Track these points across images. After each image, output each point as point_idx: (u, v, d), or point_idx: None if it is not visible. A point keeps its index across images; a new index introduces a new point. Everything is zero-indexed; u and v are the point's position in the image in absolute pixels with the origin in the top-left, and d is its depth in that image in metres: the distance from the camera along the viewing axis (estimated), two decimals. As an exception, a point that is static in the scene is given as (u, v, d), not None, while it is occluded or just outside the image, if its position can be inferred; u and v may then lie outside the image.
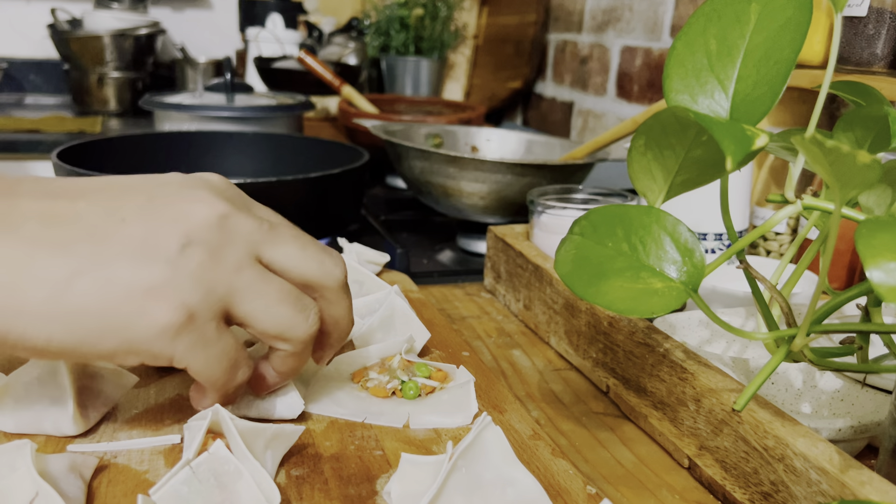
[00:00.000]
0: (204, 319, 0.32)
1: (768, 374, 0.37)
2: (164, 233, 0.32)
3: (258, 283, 0.34)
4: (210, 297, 0.32)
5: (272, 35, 1.69)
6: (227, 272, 0.33)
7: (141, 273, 0.31)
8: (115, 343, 0.31)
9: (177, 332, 0.32)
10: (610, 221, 0.40)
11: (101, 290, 0.31)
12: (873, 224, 0.27)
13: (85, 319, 0.31)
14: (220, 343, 0.34)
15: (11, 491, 0.31)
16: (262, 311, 0.34)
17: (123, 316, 0.31)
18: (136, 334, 0.31)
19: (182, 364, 0.33)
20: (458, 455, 0.33)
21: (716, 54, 0.39)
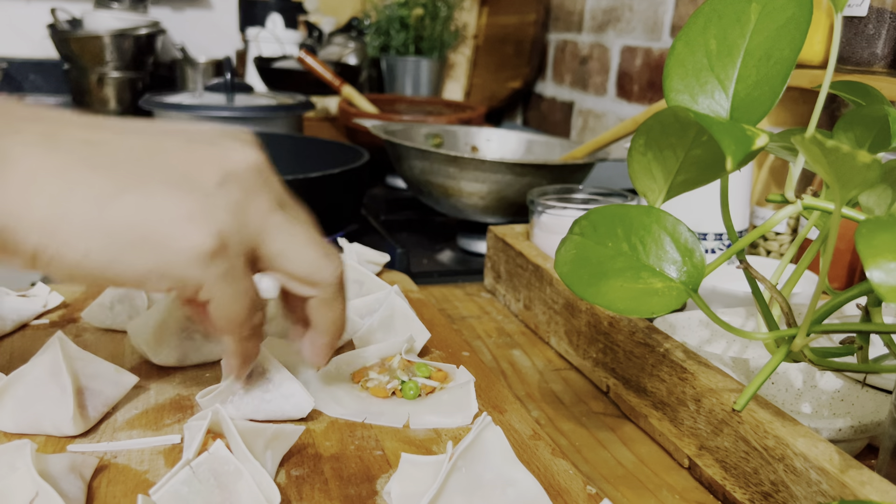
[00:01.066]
0: (235, 252, 0.33)
1: (768, 374, 0.37)
2: (204, 168, 0.33)
3: (288, 225, 0.35)
4: (242, 232, 0.33)
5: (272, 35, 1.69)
6: (260, 212, 0.34)
7: (180, 200, 0.32)
8: (149, 264, 0.31)
9: (210, 258, 0.32)
10: (610, 221, 0.40)
11: (141, 210, 0.31)
12: (873, 224, 0.27)
13: (123, 235, 0.31)
14: (246, 280, 0.34)
15: (11, 491, 0.31)
16: (291, 251, 0.35)
17: (161, 236, 0.31)
18: (171, 256, 0.32)
19: (208, 294, 0.33)
20: (458, 455, 0.33)
21: (716, 54, 0.39)
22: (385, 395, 0.43)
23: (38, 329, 0.51)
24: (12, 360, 0.46)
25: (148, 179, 0.32)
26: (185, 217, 0.32)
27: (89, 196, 0.30)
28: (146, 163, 0.32)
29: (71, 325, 0.52)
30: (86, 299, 0.55)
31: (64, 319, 0.52)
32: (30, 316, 0.52)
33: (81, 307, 0.53)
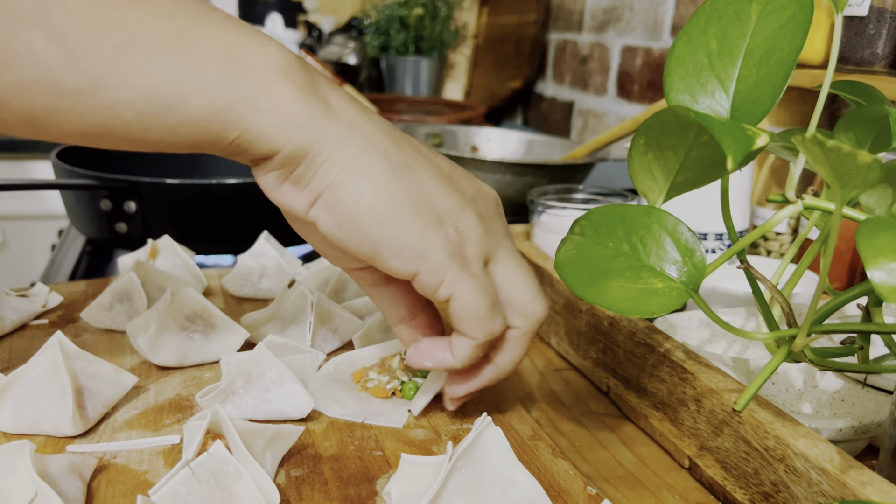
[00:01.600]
0: (474, 252, 0.36)
1: (769, 375, 0.37)
2: (461, 182, 0.38)
3: (515, 254, 0.39)
4: (482, 239, 0.37)
5: (272, 34, 1.69)
6: (497, 231, 0.38)
7: (446, 194, 0.36)
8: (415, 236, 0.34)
9: (456, 250, 0.35)
10: (610, 221, 0.40)
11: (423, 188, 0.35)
12: (874, 224, 0.27)
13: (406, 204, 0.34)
14: (486, 279, 0.37)
15: (11, 491, 0.31)
16: (517, 274, 0.38)
17: (427, 218, 0.35)
18: (430, 237, 0.35)
19: (451, 287, 0.35)
20: (458, 455, 0.33)
21: (716, 54, 0.39)
22: (385, 395, 0.43)
23: (37, 329, 0.51)
24: (12, 360, 0.46)
25: (423, 166, 0.36)
26: (447, 209, 0.35)
27: (386, 161, 0.34)
28: (421, 156, 0.37)
29: (70, 325, 0.52)
30: (85, 299, 0.55)
31: (63, 319, 0.52)
32: (29, 316, 0.52)
33: (81, 307, 0.53)
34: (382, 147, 0.35)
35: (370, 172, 0.34)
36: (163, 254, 0.59)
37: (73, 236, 0.90)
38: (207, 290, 0.59)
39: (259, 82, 0.32)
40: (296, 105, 0.33)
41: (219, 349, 0.47)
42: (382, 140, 0.35)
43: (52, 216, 1.73)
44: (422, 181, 0.35)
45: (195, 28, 0.31)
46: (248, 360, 0.41)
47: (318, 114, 0.33)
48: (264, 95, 0.32)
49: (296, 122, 0.33)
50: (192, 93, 0.31)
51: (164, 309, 0.46)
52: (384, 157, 0.34)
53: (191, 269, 0.59)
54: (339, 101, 0.35)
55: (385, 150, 0.35)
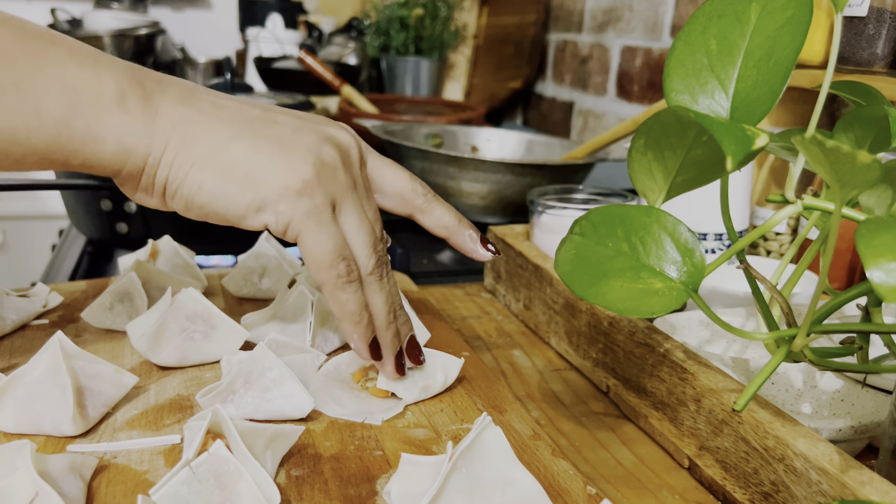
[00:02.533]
0: (321, 199, 0.39)
1: (768, 375, 0.37)
2: (308, 134, 0.40)
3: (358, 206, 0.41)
4: (328, 186, 0.39)
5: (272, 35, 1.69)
6: (344, 181, 0.41)
7: (283, 150, 0.39)
8: (251, 197, 0.38)
9: (297, 196, 0.38)
10: (610, 221, 0.40)
11: (249, 154, 0.38)
12: (874, 224, 0.27)
13: (230, 173, 0.38)
14: (331, 226, 0.39)
15: (11, 491, 0.31)
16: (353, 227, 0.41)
17: (259, 174, 0.38)
18: (265, 190, 0.38)
19: (295, 232, 0.39)
20: (458, 455, 0.33)
21: (716, 54, 0.39)
22: (385, 395, 0.43)
23: (37, 329, 0.51)
24: (12, 360, 0.46)
25: (258, 135, 0.39)
26: (283, 163, 0.38)
27: (210, 142, 0.38)
28: (259, 124, 0.40)
29: (71, 325, 0.52)
30: (85, 300, 0.55)
31: (64, 320, 0.52)
32: (30, 316, 0.52)
33: (81, 307, 0.53)
34: (207, 132, 0.38)
35: (194, 159, 0.38)
36: (163, 254, 0.59)
37: (73, 236, 0.90)
38: (208, 291, 0.59)
39: (93, 114, 0.36)
40: (127, 130, 0.37)
41: (219, 349, 0.47)
42: (208, 125, 0.38)
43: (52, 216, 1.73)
44: (253, 146, 0.38)
45: (35, 68, 0.34)
46: (248, 359, 0.41)
47: (149, 128, 0.37)
48: (98, 126, 0.36)
49: (129, 145, 0.37)
50: (34, 129, 0.34)
51: (165, 309, 0.46)
52: (208, 141, 0.38)
53: (191, 270, 0.59)
54: (168, 101, 0.38)
55: (210, 135, 0.38)
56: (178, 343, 0.46)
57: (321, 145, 0.40)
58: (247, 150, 0.38)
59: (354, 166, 0.42)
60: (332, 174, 0.40)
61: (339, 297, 0.40)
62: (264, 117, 0.40)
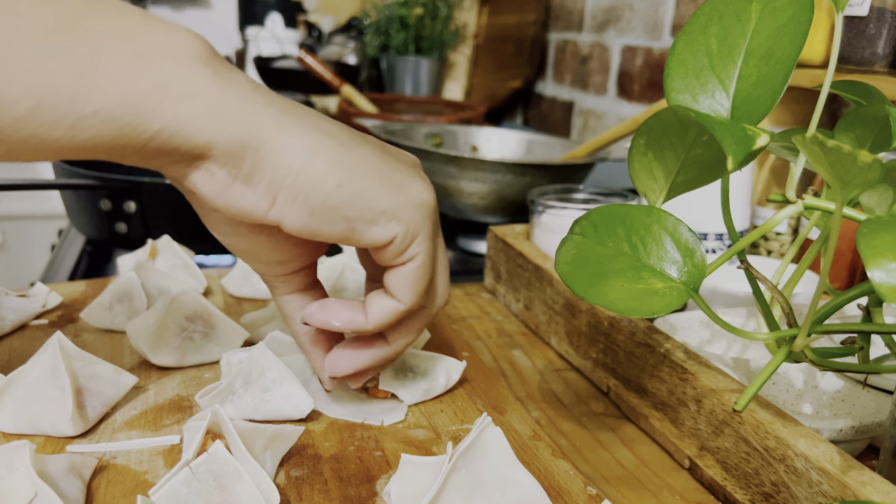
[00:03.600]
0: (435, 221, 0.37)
1: (769, 375, 0.37)
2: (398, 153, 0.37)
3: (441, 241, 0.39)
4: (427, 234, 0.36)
5: (272, 34, 1.69)
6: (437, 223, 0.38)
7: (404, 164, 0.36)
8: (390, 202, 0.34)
9: (431, 211, 0.36)
10: (610, 221, 0.40)
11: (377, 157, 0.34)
12: (874, 224, 0.27)
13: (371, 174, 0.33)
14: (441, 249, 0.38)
15: (10, 491, 0.31)
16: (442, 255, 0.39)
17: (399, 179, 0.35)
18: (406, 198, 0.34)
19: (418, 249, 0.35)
20: (458, 456, 0.33)
21: (717, 54, 0.39)
22: (385, 395, 0.43)
23: (37, 329, 0.51)
24: (11, 361, 0.46)
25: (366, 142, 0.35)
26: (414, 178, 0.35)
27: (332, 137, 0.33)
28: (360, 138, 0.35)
29: (70, 325, 0.52)
30: (85, 300, 0.55)
31: (63, 320, 0.52)
32: (29, 316, 0.51)
33: (80, 307, 0.53)
34: (321, 126, 0.33)
35: (324, 152, 0.32)
36: (162, 254, 0.59)
37: (72, 236, 0.90)
38: (207, 290, 0.59)
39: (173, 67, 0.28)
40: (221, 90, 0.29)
41: (219, 349, 0.47)
42: (316, 120, 0.33)
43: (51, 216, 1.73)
44: (371, 153, 0.34)
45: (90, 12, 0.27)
46: (247, 359, 0.41)
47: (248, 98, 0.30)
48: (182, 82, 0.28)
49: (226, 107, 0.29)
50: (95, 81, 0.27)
51: (164, 309, 0.46)
52: (329, 134, 0.33)
53: (190, 269, 0.58)
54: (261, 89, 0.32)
55: (326, 129, 0.33)
56: (178, 343, 0.46)
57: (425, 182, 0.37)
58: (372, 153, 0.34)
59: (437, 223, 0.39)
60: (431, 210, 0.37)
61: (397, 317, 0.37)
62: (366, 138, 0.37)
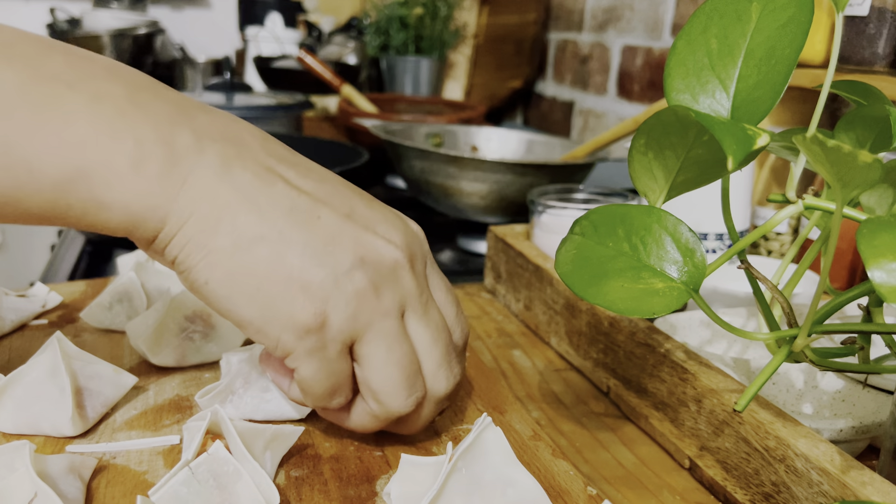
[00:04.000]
0: (332, 337, 0.34)
1: (769, 375, 0.37)
2: (343, 249, 0.34)
3: (392, 338, 0.35)
4: (347, 323, 0.34)
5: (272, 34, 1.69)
6: (374, 312, 0.34)
7: (306, 270, 0.33)
8: (252, 314, 0.33)
9: (304, 332, 0.33)
10: (610, 221, 0.40)
11: (272, 263, 0.33)
12: (875, 224, 0.27)
13: (246, 281, 0.33)
14: (335, 364, 0.35)
15: (10, 491, 0.30)
16: (378, 362, 0.35)
17: (274, 295, 0.33)
18: (274, 316, 0.33)
19: (293, 364, 0.34)
20: (458, 456, 0.33)
21: (717, 53, 0.39)
22: None
23: (36, 329, 0.51)
24: (11, 361, 0.46)
25: (289, 236, 0.33)
26: (301, 287, 0.33)
27: (230, 235, 0.33)
28: (296, 220, 0.34)
29: (70, 325, 0.52)
30: (84, 300, 0.55)
31: (63, 320, 0.52)
32: (29, 316, 0.51)
33: (80, 307, 0.53)
34: (233, 219, 0.33)
35: (209, 250, 0.33)
36: (162, 254, 0.59)
37: (72, 236, 0.90)
38: (207, 290, 0.59)
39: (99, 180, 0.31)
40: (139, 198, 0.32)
41: (218, 349, 0.47)
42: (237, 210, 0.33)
43: (51, 216, 1.73)
44: (277, 255, 0.33)
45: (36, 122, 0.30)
46: (247, 359, 0.41)
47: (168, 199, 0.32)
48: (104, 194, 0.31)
49: (138, 214, 0.32)
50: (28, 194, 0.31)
51: (164, 309, 0.46)
52: (230, 232, 0.33)
53: (190, 269, 0.58)
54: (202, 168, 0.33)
55: (235, 224, 0.33)
56: (178, 343, 0.46)
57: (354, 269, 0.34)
58: (269, 258, 0.33)
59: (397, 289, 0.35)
60: (359, 302, 0.34)
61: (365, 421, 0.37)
62: (308, 209, 0.34)
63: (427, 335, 0.36)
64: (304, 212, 0.34)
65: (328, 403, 0.36)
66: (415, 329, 0.36)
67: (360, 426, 0.37)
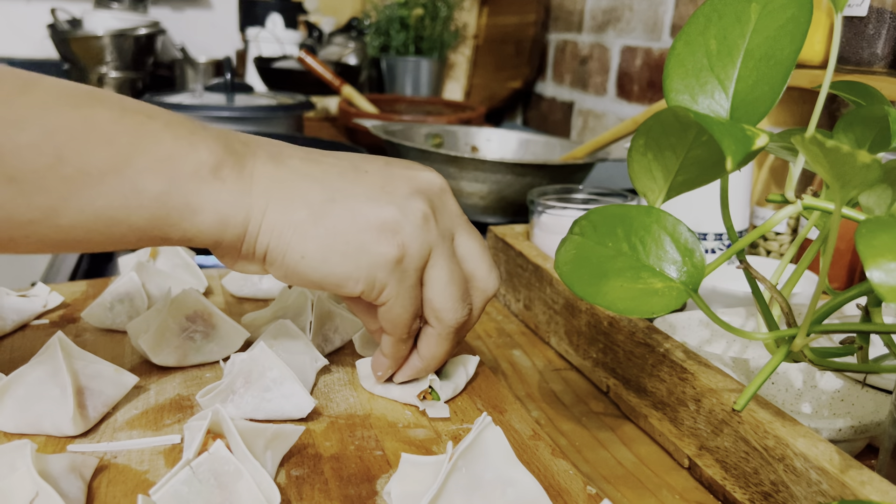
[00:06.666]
0: (412, 263, 0.39)
1: (768, 374, 0.37)
2: (399, 183, 0.40)
3: (450, 257, 0.40)
4: (422, 247, 0.39)
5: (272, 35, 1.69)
6: (436, 234, 0.40)
7: (378, 210, 0.38)
8: (350, 267, 0.38)
9: (394, 265, 0.38)
10: (610, 221, 0.40)
11: (347, 219, 0.38)
12: (874, 224, 0.27)
13: (335, 241, 0.37)
14: (414, 290, 0.40)
15: (11, 491, 0.31)
16: (441, 281, 0.40)
17: (361, 243, 0.38)
18: (366, 261, 0.38)
19: (387, 299, 0.39)
20: (458, 455, 0.33)
21: (716, 54, 0.39)
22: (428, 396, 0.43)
23: (38, 329, 0.51)
24: (12, 360, 0.46)
25: (353, 191, 0.38)
26: (379, 227, 0.38)
27: (308, 203, 0.38)
28: (351, 178, 0.39)
29: (71, 325, 0.52)
30: (86, 299, 0.55)
31: (64, 319, 0.52)
32: (30, 316, 0.52)
33: (81, 307, 0.53)
34: (302, 193, 0.38)
35: (295, 225, 0.37)
36: (163, 254, 0.59)
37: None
38: (208, 290, 0.59)
39: (191, 188, 0.36)
40: (225, 199, 0.36)
41: (219, 349, 0.47)
42: (301, 185, 0.38)
43: (52, 216, 1.73)
44: (349, 210, 0.38)
45: (135, 147, 0.35)
46: (248, 359, 0.41)
47: (246, 194, 0.37)
48: (197, 199, 0.36)
49: (227, 214, 0.36)
50: (134, 209, 0.35)
51: (165, 309, 0.46)
52: (304, 204, 0.38)
53: (191, 269, 0.59)
54: (260, 163, 0.38)
55: (305, 196, 0.38)
56: (179, 343, 0.46)
57: (413, 198, 0.39)
58: (344, 214, 0.38)
59: (446, 212, 0.41)
60: (426, 227, 0.39)
61: (396, 347, 0.42)
62: (354, 168, 0.40)
63: (476, 247, 0.42)
64: (352, 171, 0.40)
65: (410, 330, 0.41)
66: (465, 245, 0.42)
67: (430, 356, 0.42)
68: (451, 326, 0.41)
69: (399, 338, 0.41)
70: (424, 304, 0.41)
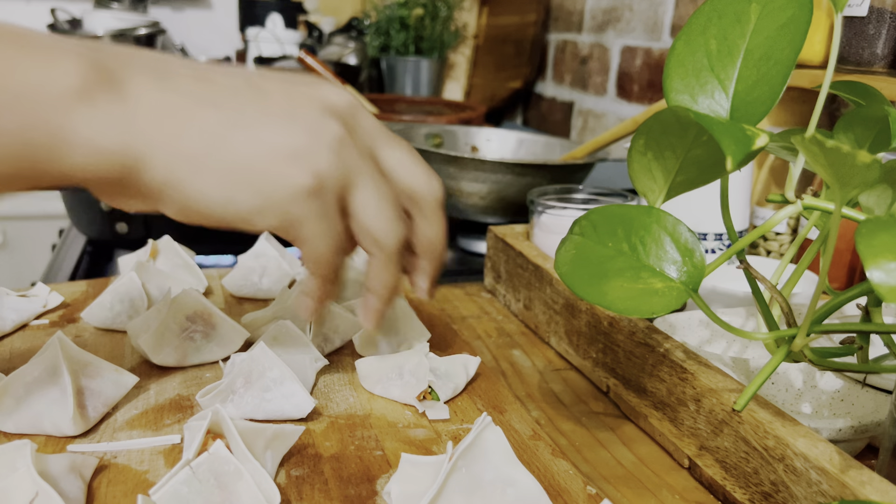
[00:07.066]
0: (330, 193, 0.35)
1: (768, 374, 0.37)
2: (306, 103, 0.35)
3: (375, 177, 0.37)
4: (339, 172, 0.35)
5: (272, 35, 1.69)
6: (355, 155, 0.36)
7: (286, 136, 0.34)
8: (257, 201, 0.34)
9: (308, 196, 0.34)
10: (610, 221, 0.40)
11: (251, 148, 0.33)
12: (873, 224, 0.27)
13: (235, 175, 0.33)
14: (336, 221, 0.36)
15: (11, 491, 0.31)
16: (370, 205, 0.36)
17: (268, 175, 0.33)
18: (276, 194, 0.34)
19: (303, 231, 0.35)
20: (458, 455, 0.33)
21: (716, 54, 0.39)
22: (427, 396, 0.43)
23: (38, 329, 0.51)
24: (12, 360, 0.46)
25: (254, 115, 0.34)
26: (290, 155, 0.34)
27: (205, 133, 0.33)
28: (252, 99, 0.34)
29: (71, 325, 0.52)
30: (86, 299, 0.55)
31: (64, 319, 0.52)
32: (30, 316, 0.52)
33: (81, 307, 0.53)
34: (195, 118, 0.33)
35: (189, 156, 0.32)
36: (163, 254, 0.59)
37: (73, 236, 0.90)
38: (208, 290, 0.59)
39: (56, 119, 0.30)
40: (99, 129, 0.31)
41: (219, 349, 0.47)
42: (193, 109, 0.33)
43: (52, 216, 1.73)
44: (252, 137, 0.33)
45: None
46: (248, 359, 0.41)
47: (126, 121, 0.31)
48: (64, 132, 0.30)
49: (105, 147, 0.31)
50: None
51: (165, 309, 0.46)
52: (199, 132, 0.33)
53: (191, 269, 0.59)
54: (142, 84, 0.32)
55: (199, 122, 0.33)
56: (178, 343, 0.46)
57: (324, 120, 0.35)
58: (247, 142, 0.33)
59: (361, 130, 0.37)
60: (341, 151, 0.35)
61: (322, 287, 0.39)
62: (251, 86, 0.35)
63: (405, 156, 0.39)
64: (251, 91, 0.35)
65: (335, 264, 0.37)
66: (391, 158, 0.38)
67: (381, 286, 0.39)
68: (393, 248, 0.38)
69: (324, 276, 0.38)
70: (358, 233, 0.37)
